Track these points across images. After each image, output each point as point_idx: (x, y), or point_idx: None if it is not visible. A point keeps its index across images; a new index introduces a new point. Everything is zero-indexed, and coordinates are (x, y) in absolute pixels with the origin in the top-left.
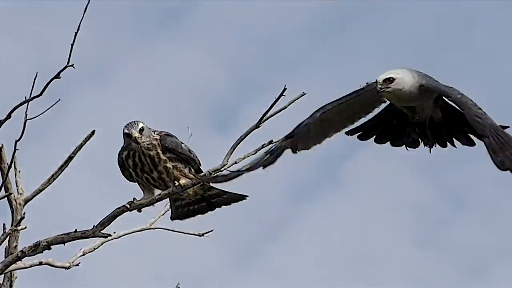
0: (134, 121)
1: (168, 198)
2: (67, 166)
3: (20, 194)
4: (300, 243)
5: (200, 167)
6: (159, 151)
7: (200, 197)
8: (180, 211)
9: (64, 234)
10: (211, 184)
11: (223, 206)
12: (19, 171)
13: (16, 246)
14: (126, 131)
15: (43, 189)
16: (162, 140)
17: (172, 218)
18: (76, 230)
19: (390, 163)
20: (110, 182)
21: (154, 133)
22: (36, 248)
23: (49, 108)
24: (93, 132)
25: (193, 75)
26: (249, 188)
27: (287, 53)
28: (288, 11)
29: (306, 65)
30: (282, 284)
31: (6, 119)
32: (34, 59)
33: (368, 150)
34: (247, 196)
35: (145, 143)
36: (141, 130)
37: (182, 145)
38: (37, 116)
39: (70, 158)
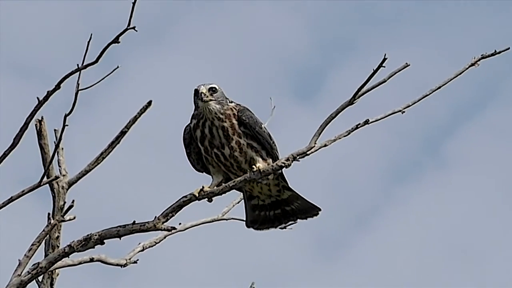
0: (208, 81)
1: (242, 195)
2: (119, 142)
3: (63, 175)
4: (394, 232)
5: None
6: (234, 121)
7: (274, 201)
8: (257, 214)
9: (120, 226)
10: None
11: (298, 220)
12: (62, 149)
13: (58, 237)
14: (196, 87)
15: (90, 170)
16: (239, 112)
17: (248, 224)
18: (134, 222)
19: (503, 139)
20: (172, 163)
21: (231, 103)
22: (87, 243)
23: (105, 77)
24: (149, 102)
25: (270, 34)
26: (338, 171)
27: (381, 7)
28: None
29: (403, 22)
30: (373, 279)
31: (54, 89)
32: (83, 21)
33: (476, 123)
34: (320, 209)
35: (214, 106)
36: (213, 90)
37: (262, 126)
38: (90, 86)
39: (123, 133)
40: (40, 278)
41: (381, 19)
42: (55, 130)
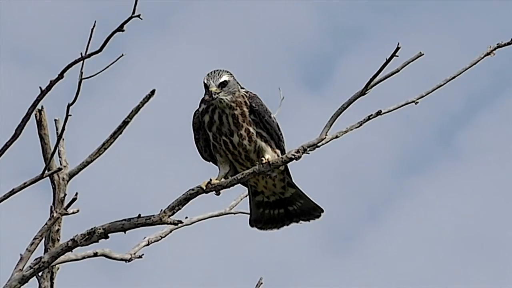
0: (218, 71)
1: (248, 191)
2: (121, 133)
3: (64, 167)
4: (407, 224)
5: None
6: (245, 109)
7: (278, 199)
8: (261, 212)
9: (125, 219)
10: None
11: (300, 222)
12: (63, 139)
13: (58, 230)
14: (205, 81)
15: (92, 161)
16: (250, 99)
17: (251, 223)
18: (139, 215)
19: None
20: (178, 154)
21: (242, 90)
22: (91, 237)
23: (110, 65)
24: (153, 91)
25: (279, 20)
26: (350, 162)
27: None
28: None
29: (415, 8)
30: (385, 272)
31: (57, 79)
32: (86, 6)
33: (490, 112)
34: (322, 210)
35: (225, 99)
36: (224, 84)
37: (271, 115)
38: (94, 75)
39: (125, 123)
40: (40, 272)
41: (393, 5)
42: (55, 120)
